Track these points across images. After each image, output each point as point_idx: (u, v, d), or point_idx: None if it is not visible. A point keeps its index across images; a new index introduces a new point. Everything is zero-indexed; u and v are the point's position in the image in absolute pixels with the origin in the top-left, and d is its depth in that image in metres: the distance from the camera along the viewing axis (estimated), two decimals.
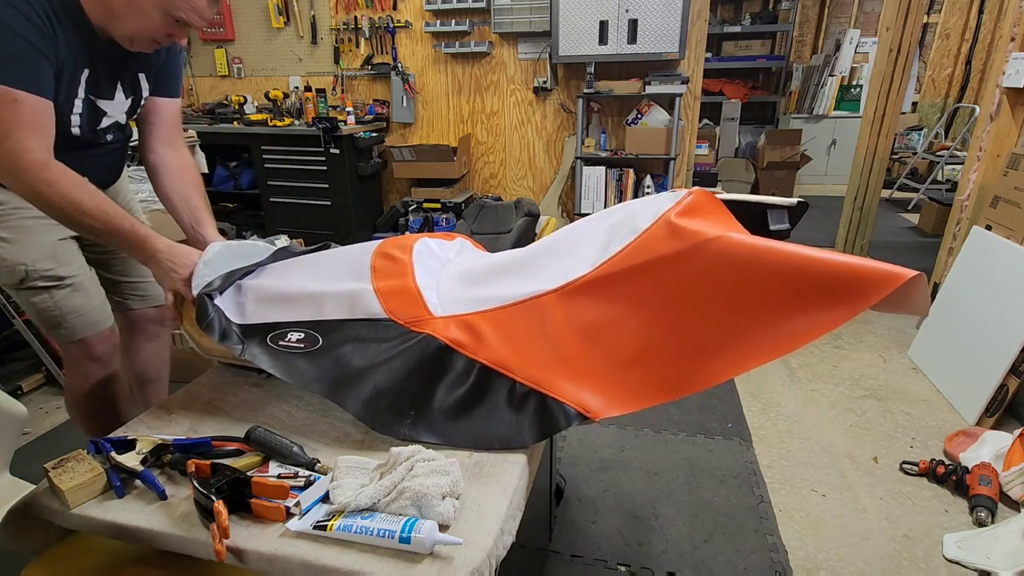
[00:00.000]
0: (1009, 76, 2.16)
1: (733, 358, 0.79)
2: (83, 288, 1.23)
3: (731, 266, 0.80)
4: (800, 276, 0.76)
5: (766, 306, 0.78)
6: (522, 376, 0.85)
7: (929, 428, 1.96)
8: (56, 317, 1.20)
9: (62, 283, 1.19)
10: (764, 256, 0.78)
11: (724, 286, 0.81)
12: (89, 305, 1.23)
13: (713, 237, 0.82)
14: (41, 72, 0.97)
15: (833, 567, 1.42)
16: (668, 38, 3.24)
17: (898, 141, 5.38)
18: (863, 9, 5.75)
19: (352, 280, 1.00)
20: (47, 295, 1.18)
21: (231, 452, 0.79)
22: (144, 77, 1.19)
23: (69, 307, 1.20)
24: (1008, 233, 2.06)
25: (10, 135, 0.93)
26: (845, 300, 0.73)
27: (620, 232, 0.92)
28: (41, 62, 0.96)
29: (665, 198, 0.92)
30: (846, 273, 0.73)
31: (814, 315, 0.75)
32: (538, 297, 0.92)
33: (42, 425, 2.08)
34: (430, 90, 3.97)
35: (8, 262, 1.15)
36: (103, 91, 1.11)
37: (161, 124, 1.27)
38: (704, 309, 0.82)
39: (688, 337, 0.82)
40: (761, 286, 0.78)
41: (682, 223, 0.85)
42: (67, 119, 1.07)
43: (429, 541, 0.62)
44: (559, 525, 1.57)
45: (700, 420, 2.03)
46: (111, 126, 1.18)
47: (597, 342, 0.87)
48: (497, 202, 3.00)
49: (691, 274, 0.83)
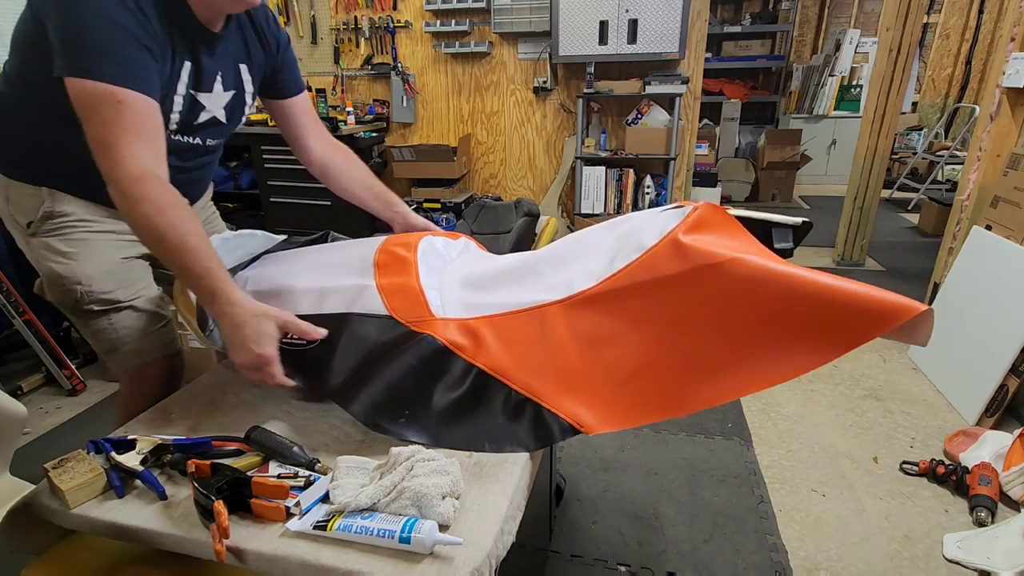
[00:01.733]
0: (1009, 76, 2.16)
1: (732, 383, 0.79)
2: (146, 311, 1.12)
3: (737, 290, 0.80)
4: (808, 304, 0.75)
5: (770, 333, 0.78)
6: (519, 384, 0.85)
7: (929, 428, 1.97)
8: (113, 340, 1.10)
9: (119, 305, 1.09)
10: (772, 282, 0.77)
11: (728, 310, 0.80)
12: (150, 328, 1.12)
13: (720, 261, 0.81)
14: (146, 68, 0.88)
15: (833, 567, 1.42)
16: (668, 38, 3.25)
17: (898, 141, 5.38)
18: (863, 9, 5.75)
19: (355, 275, 1.00)
20: (104, 318, 1.08)
21: (231, 452, 0.79)
22: (246, 69, 1.12)
23: (128, 331, 1.10)
24: (1008, 233, 2.06)
25: (114, 142, 0.84)
26: (852, 331, 0.73)
27: (625, 247, 0.91)
28: (145, 57, 0.88)
29: (672, 214, 0.92)
30: (856, 303, 0.73)
31: (819, 344, 0.75)
32: (541, 307, 0.92)
33: (42, 425, 2.08)
34: (430, 90, 3.97)
35: (65, 280, 1.05)
36: (203, 84, 1.04)
37: (307, 121, 1.24)
38: (706, 331, 0.82)
39: (687, 358, 0.82)
40: (767, 312, 0.78)
41: (689, 241, 0.84)
42: (167, 117, 0.99)
43: (429, 541, 0.62)
44: (559, 525, 1.57)
45: (700, 420, 2.03)
46: (209, 121, 1.09)
47: (596, 356, 0.86)
48: (497, 202, 2.99)
49: (695, 295, 0.83)
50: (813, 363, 0.75)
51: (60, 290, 1.07)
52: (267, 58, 1.16)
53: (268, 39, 1.15)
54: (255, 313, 0.86)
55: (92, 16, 0.83)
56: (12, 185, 1.05)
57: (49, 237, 1.05)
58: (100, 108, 0.84)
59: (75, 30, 0.83)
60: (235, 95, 1.12)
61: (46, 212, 1.04)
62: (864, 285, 0.74)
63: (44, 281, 1.10)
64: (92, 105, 0.84)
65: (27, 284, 2.29)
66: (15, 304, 2.17)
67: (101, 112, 0.84)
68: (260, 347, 0.84)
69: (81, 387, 2.30)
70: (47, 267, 1.07)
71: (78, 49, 0.83)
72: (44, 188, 1.04)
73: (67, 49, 0.84)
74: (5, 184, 1.06)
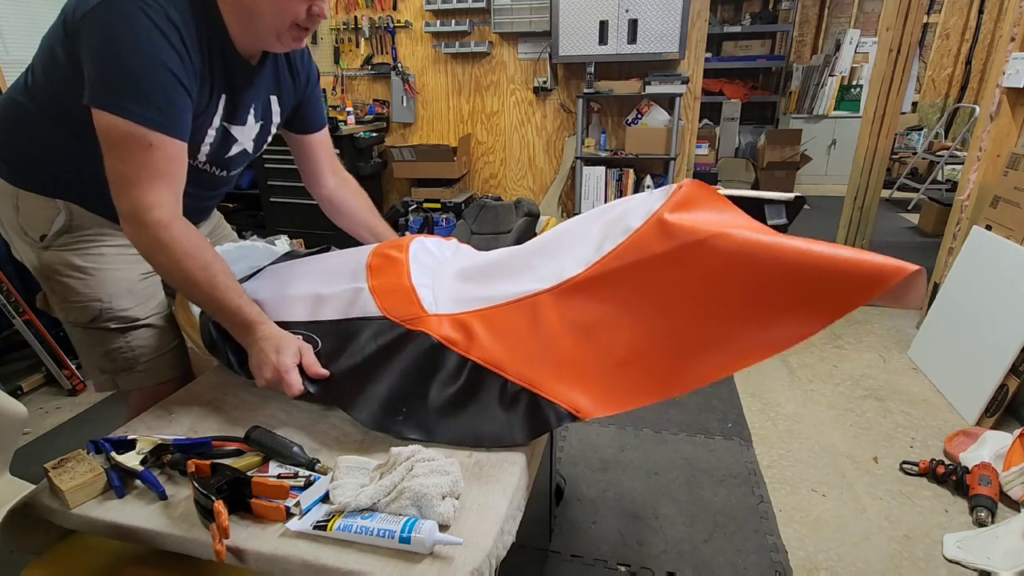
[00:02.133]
0: (1009, 76, 2.16)
1: (726, 357, 0.79)
2: (161, 328, 1.10)
3: (725, 265, 0.80)
4: (797, 273, 0.75)
5: (762, 304, 0.78)
6: (514, 375, 0.85)
7: (929, 428, 1.96)
8: (128, 360, 1.07)
9: (136, 323, 1.07)
10: (759, 253, 0.78)
11: (716, 285, 0.80)
12: (166, 347, 1.11)
13: (705, 236, 0.81)
14: (181, 111, 0.87)
15: (833, 567, 1.42)
16: (668, 38, 3.25)
17: (898, 141, 5.38)
18: (863, 9, 5.75)
19: (349, 280, 1.01)
20: (121, 337, 1.06)
21: (231, 452, 0.79)
22: (276, 101, 1.10)
23: (144, 350, 1.08)
24: (1008, 233, 2.06)
25: (138, 183, 0.84)
26: (844, 296, 0.73)
27: (613, 231, 0.92)
28: (183, 99, 0.87)
29: (658, 195, 0.92)
30: (845, 268, 0.73)
31: (811, 311, 0.74)
32: (532, 296, 0.92)
33: (42, 425, 2.08)
34: (430, 90, 3.97)
35: (83, 297, 1.03)
36: (237, 116, 1.03)
37: (324, 156, 1.25)
38: (697, 308, 0.82)
39: (680, 336, 0.82)
40: (756, 284, 0.78)
41: (674, 220, 0.85)
42: (196, 149, 0.99)
43: (429, 541, 0.62)
44: (559, 525, 1.57)
45: (700, 420, 2.03)
46: (239, 154, 1.08)
47: (589, 342, 0.87)
48: (497, 202, 3.00)
49: (682, 273, 0.83)
50: (806, 332, 0.75)
51: (75, 307, 1.04)
52: (296, 90, 1.15)
53: (299, 72, 1.13)
54: (283, 335, 0.90)
55: (137, 54, 0.81)
56: (24, 196, 1.01)
57: (65, 251, 1.02)
58: (130, 147, 0.83)
59: (117, 65, 0.81)
60: (263, 126, 1.11)
61: (64, 226, 1.01)
62: (853, 250, 0.74)
63: (53, 297, 1.07)
64: (121, 142, 0.83)
65: (27, 284, 2.29)
66: (15, 304, 2.17)
67: (131, 151, 0.83)
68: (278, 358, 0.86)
69: (81, 387, 2.30)
70: (62, 283, 1.03)
71: (118, 85, 0.82)
72: (59, 200, 1.00)
73: (105, 81, 0.82)
74: (15, 194, 1.01)
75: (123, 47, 0.81)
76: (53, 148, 0.98)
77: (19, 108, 0.98)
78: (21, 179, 1.01)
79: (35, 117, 0.97)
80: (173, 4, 0.84)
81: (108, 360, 1.08)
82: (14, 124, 0.99)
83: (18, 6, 3.40)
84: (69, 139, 0.96)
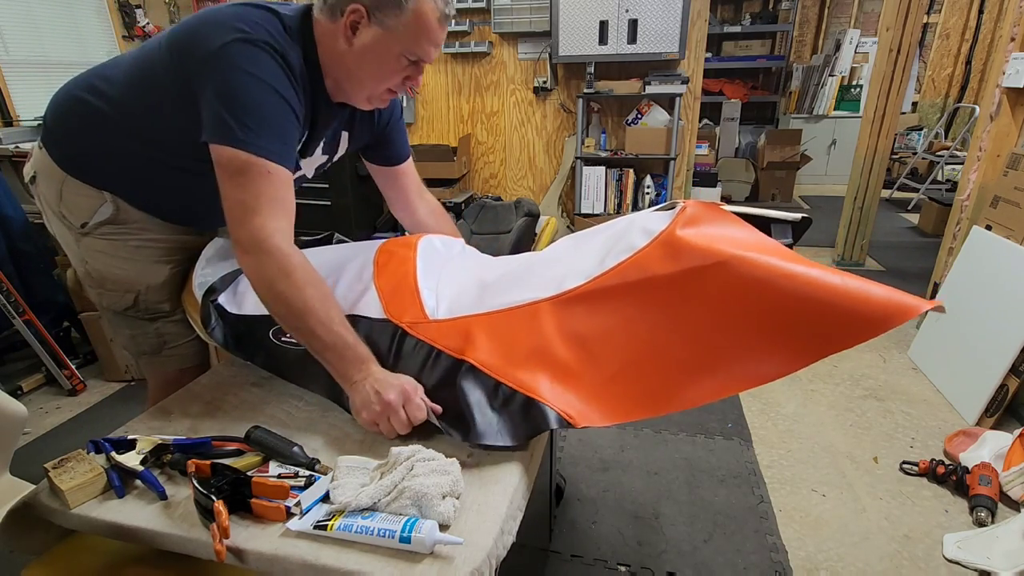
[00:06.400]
0: (1009, 76, 2.15)
1: (722, 381, 0.78)
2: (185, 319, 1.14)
3: (728, 291, 0.79)
4: (805, 303, 0.74)
5: (765, 333, 0.77)
6: (508, 379, 0.85)
7: (929, 428, 1.96)
8: (155, 345, 1.12)
9: (168, 316, 1.12)
10: (765, 281, 0.76)
11: (719, 311, 0.80)
12: (191, 334, 1.15)
13: (712, 263, 0.80)
14: (293, 141, 0.90)
15: (833, 567, 1.42)
16: (668, 38, 3.25)
17: (898, 141, 5.38)
18: (863, 9, 5.75)
19: (355, 276, 1.02)
20: (151, 324, 1.11)
21: (231, 452, 0.79)
22: (346, 136, 1.12)
23: (171, 336, 1.13)
24: (1008, 233, 2.06)
25: (260, 210, 0.84)
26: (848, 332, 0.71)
27: (616, 247, 0.92)
28: (294, 130, 0.90)
29: (664, 215, 0.91)
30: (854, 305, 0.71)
31: (816, 342, 0.73)
32: (532, 304, 0.93)
33: (42, 425, 2.08)
34: (430, 90, 3.97)
35: (120, 284, 1.07)
36: (309, 149, 1.05)
37: (410, 186, 1.28)
38: (696, 331, 0.81)
39: (676, 358, 0.82)
40: (758, 313, 0.77)
41: (684, 237, 0.84)
42: None
43: (429, 541, 0.62)
44: (559, 525, 1.57)
45: (700, 420, 2.03)
46: (298, 179, 1.09)
47: (585, 352, 0.87)
48: (497, 202, 2.99)
49: (685, 296, 0.82)
50: (804, 362, 0.74)
51: (111, 293, 1.08)
52: (373, 127, 1.16)
53: (380, 111, 1.14)
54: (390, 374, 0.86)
55: (261, 87, 0.84)
56: (71, 183, 1.02)
57: (106, 240, 1.05)
58: (251, 176, 0.84)
59: (242, 99, 0.83)
60: (329, 158, 1.13)
61: (109, 217, 1.03)
62: (864, 281, 0.73)
63: (88, 280, 1.10)
64: (241, 171, 0.84)
65: (27, 284, 2.29)
66: (15, 304, 2.17)
67: (252, 180, 0.84)
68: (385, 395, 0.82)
69: (81, 387, 2.30)
70: (99, 267, 1.06)
71: (246, 121, 0.83)
72: (106, 192, 1.02)
73: (230, 116, 0.83)
74: (61, 179, 1.02)
75: (251, 83, 0.84)
76: (126, 162, 1.00)
77: (93, 112, 0.97)
78: (74, 169, 1.02)
79: (113, 128, 0.97)
80: (292, 49, 0.89)
81: (134, 343, 1.13)
82: (84, 125, 0.99)
83: (18, 6, 3.40)
84: (148, 163, 0.98)
